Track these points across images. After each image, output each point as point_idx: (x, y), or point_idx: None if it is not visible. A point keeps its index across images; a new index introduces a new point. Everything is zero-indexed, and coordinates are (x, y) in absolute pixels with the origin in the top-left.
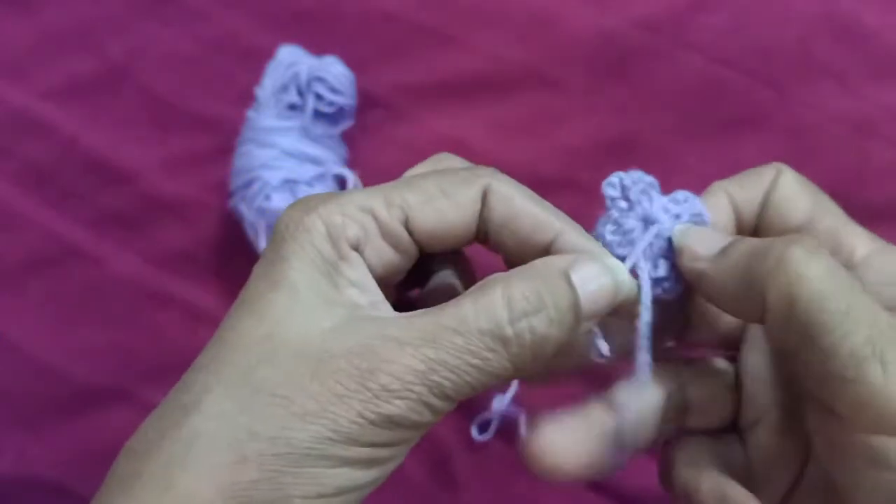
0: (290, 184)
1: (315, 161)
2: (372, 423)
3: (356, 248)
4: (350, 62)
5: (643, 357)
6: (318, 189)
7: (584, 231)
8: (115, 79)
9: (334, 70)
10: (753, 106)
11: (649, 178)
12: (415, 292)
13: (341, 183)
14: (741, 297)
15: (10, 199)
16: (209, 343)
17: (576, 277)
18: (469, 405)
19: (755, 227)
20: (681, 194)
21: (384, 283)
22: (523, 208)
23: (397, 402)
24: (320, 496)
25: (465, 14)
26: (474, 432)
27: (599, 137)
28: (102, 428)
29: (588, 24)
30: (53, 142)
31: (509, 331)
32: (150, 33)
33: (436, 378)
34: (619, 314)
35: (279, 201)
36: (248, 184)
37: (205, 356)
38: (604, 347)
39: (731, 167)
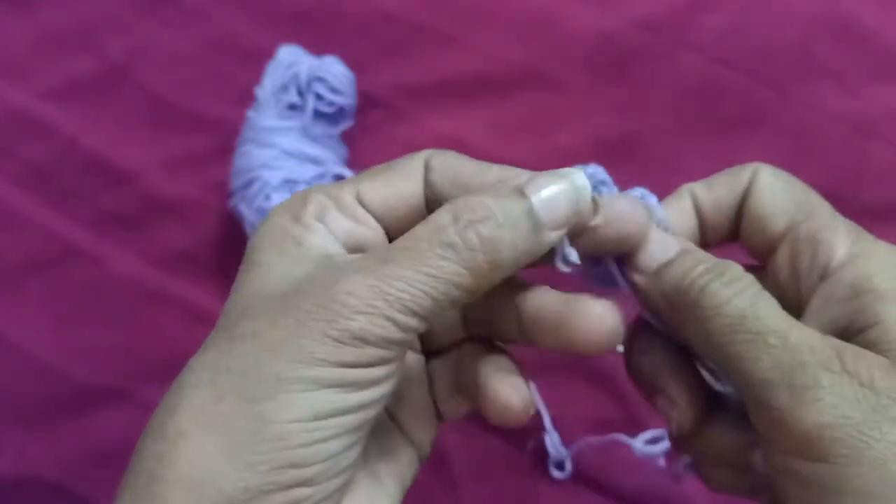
0: (290, 184)
1: (315, 161)
2: (337, 340)
3: (319, 221)
4: (350, 62)
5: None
6: None
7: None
8: (115, 79)
9: (334, 70)
10: (753, 106)
11: (602, 175)
12: None
13: None
14: (669, 319)
15: (10, 199)
16: None
17: (530, 187)
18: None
19: (736, 230)
20: (638, 191)
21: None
22: (463, 163)
23: (358, 316)
24: (296, 421)
25: (465, 14)
26: (554, 472)
27: (599, 137)
28: (102, 428)
29: (588, 24)
30: (53, 142)
31: (455, 237)
32: (150, 33)
33: (393, 291)
34: (580, 232)
35: (279, 201)
36: (248, 184)
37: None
38: (571, 254)
39: (730, 167)
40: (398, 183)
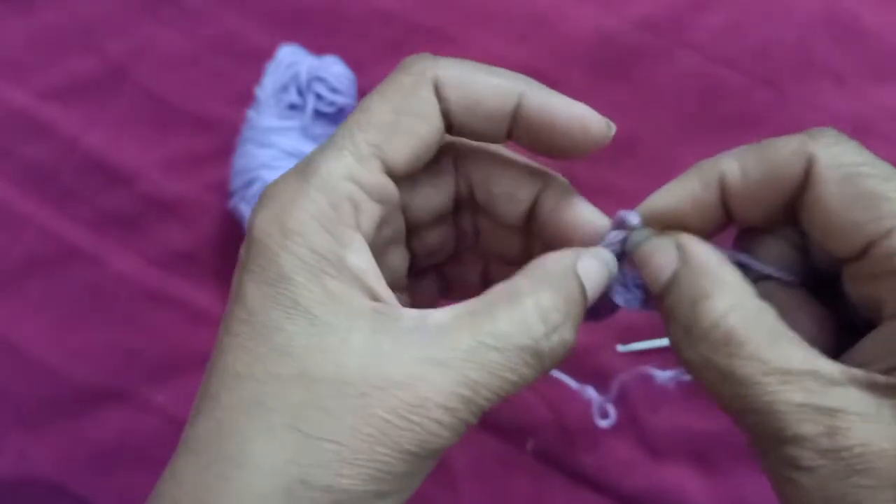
0: None
1: None
2: (418, 455)
3: (356, 228)
4: (350, 62)
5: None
6: None
7: (543, 87)
8: (115, 79)
9: (334, 70)
10: (753, 105)
11: (633, 220)
12: None
13: None
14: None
15: (10, 199)
16: (227, 378)
17: (582, 273)
18: None
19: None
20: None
21: (375, 244)
22: (477, 85)
23: (445, 433)
24: None
25: (465, 14)
26: (600, 422)
27: None
28: (102, 428)
29: (588, 24)
30: (53, 142)
31: (545, 345)
32: (150, 33)
33: (479, 400)
34: None
35: None
36: (248, 184)
37: (231, 396)
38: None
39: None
40: (419, 128)
